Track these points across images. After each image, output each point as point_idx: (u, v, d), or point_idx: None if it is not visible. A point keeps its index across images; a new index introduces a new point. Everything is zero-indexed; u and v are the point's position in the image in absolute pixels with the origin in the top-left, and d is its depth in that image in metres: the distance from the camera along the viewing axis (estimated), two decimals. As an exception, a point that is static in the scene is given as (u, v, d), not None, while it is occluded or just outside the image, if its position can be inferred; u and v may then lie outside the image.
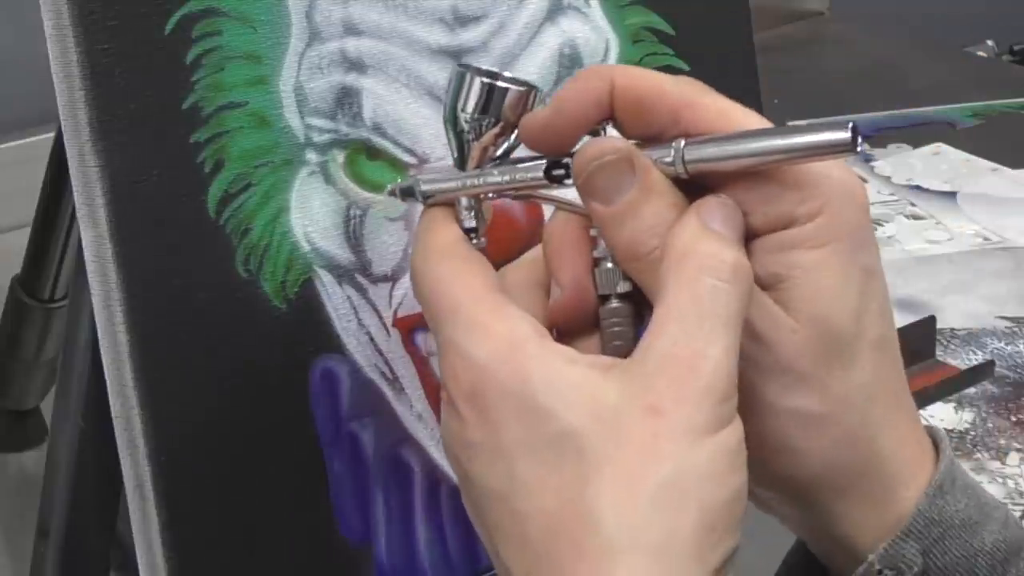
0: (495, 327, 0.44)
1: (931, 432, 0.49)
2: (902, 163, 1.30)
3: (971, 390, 0.95)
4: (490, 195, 0.48)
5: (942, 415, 0.92)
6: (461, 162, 0.48)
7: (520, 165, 0.48)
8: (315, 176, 0.55)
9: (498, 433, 0.43)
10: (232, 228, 0.53)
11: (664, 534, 0.40)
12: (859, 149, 0.43)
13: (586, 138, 0.46)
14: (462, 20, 0.57)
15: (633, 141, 0.46)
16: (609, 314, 0.46)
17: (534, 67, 0.59)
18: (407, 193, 0.50)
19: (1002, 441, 0.90)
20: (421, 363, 0.58)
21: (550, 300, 0.47)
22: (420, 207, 0.50)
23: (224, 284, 0.53)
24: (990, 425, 0.91)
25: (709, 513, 0.41)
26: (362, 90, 0.55)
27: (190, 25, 0.52)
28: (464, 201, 0.48)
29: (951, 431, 0.91)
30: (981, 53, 1.72)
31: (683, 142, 0.45)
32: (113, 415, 0.52)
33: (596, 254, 0.46)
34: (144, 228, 0.51)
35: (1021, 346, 1.00)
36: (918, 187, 1.25)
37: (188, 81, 0.52)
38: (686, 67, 0.64)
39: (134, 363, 0.51)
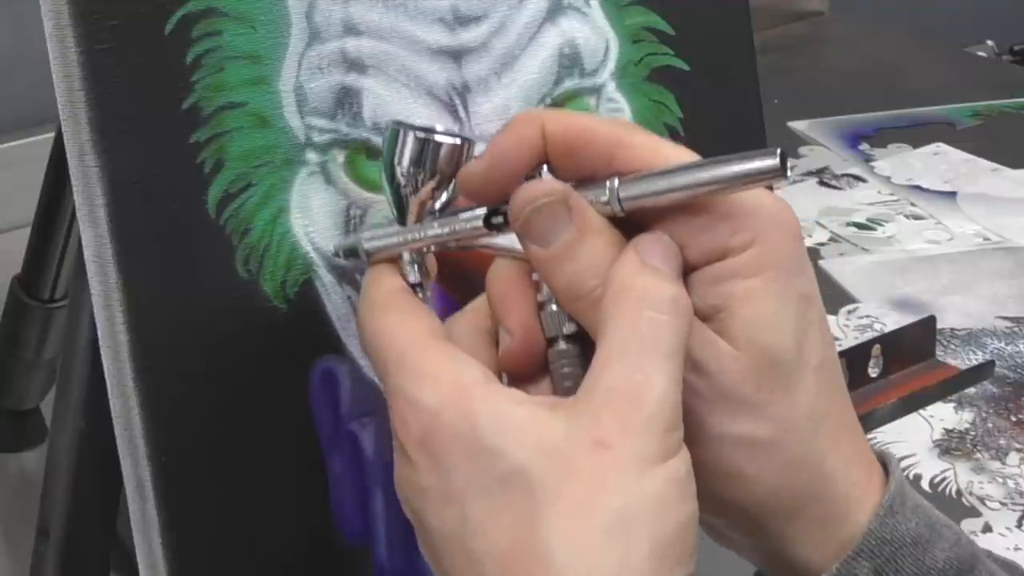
0: (442, 373, 0.44)
1: (880, 454, 0.49)
2: (902, 163, 1.30)
3: (971, 390, 0.95)
4: (432, 248, 0.49)
5: (942, 415, 0.92)
6: (401, 217, 0.49)
7: (459, 216, 0.48)
8: (315, 176, 0.55)
9: (449, 477, 0.43)
10: (232, 228, 0.53)
11: (617, 565, 0.41)
12: (789, 175, 0.44)
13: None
14: (462, 20, 0.57)
15: (568, 183, 0.46)
16: (557, 356, 0.46)
17: (534, 67, 0.59)
18: (350, 252, 0.51)
19: (1002, 441, 0.90)
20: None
21: (500, 347, 0.47)
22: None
23: (224, 284, 0.53)
24: (990, 425, 0.92)
25: (661, 542, 0.41)
26: (362, 90, 0.55)
27: (190, 25, 0.52)
28: (407, 256, 0.49)
29: (951, 431, 0.91)
30: (981, 53, 1.72)
31: (616, 180, 0.45)
32: (113, 415, 0.52)
33: (540, 298, 0.47)
34: (144, 228, 0.51)
35: (1021, 346, 1.00)
36: (918, 187, 1.25)
37: (188, 81, 0.52)
38: (686, 67, 0.64)
39: (134, 363, 0.51)
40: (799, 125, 1.38)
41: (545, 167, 0.47)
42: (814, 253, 1.13)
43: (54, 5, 0.49)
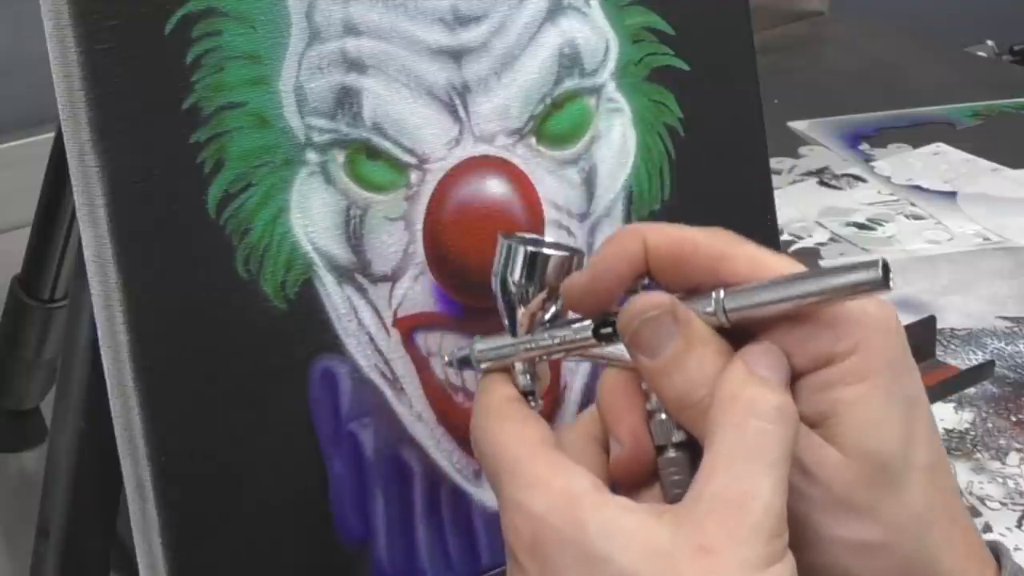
0: (553, 481, 0.46)
1: (992, 545, 0.50)
2: (902, 163, 1.30)
3: (971, 390, 0.95)
4: (543, 357, 0.50)
5: (942, 415, 0.92)
6: (512, 328, 0.51)
7: (569, 326, 0.50)
8: (315, 176, 0.55)
9: None
10: (232, 228, 0.53)
11: None
12: (891, 286, 0.45)
13: (630, 296, 0.48)
14: (462, 20, 0.57)
15: (674, 295, 0.47)
16: (667, 464, 0.47)
17: (534, 67, 0.59)
18: (464, 363, 0.52)
19: (1002, 441, 0.90)
20: (421, 363, 0.58)
21: (611, 455, 0.48)
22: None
23: (224, 284, 0.53)
24: (990, 425, 0.91)
25: None
26: (362, 90, 0.55)
27: (190, 25, 0.52)
28: (519, 365, 0.51)
29: (951, 431, 0.91)
30: (981, 53, 1.72)
31: (722, 292, 0.46)
32: (113, 415, 0.52)
33: (649, 407, 0.48)
34: (144, 228, 0.51)
35: (1021, 346, 1.00)
36: (918, 187, 1.25)
37: (188, 81, 0.52)
38: (686, 67, 0.64)
39: (134, 363, 0.51)
40: (799, 125, 1.38)
41: (647, 279, 0.48)
42: (814, 253, 1.13)
43: (54, 5, 0.49)
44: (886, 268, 0.44)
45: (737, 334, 0.47)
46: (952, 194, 1.24)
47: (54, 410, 0.59)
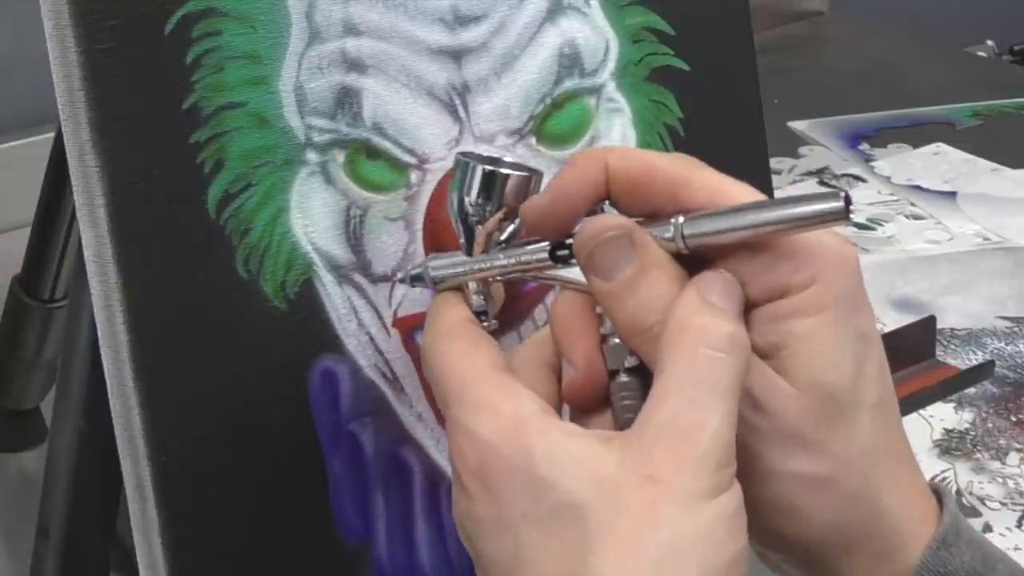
0: (500, 406, 0.45)
1: (934, 487, 0.50)
2: (902, 163, 1.30)
3: (971, 390, 0.95)
4: (497, 278, 0.50)
5: (942, 415, 0.92)
6: (468, 247, 0.50)
7: (525, 248, 0.49)
8: (315, 176, 0.55)
9: (503, 507, 0.44)
10: (232, 228, 0.53)
11: None
12: (851, 216, 0.44)
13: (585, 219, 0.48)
14: (462, 20, 0.57)
15: (632, 219, 0.47)
16: (619, 388, 0.47)
17: (534, 67, 0.59)
18: (417, 279, 0.52)
19: (1002, 441, 0.90)
20: (421, 363, 0.58)
21: (563, 379, 0.48)
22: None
23: (224, 284, 0.53)
24: (990, 425, 0.92)
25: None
26: (362, 90, 0.55)
27: (190, 25, 0.52)
28: (473, 285, 0.50)
29: (951, 431, 0.91)
30: (981, 53, 1.72)
31: (682, 218, 0.46)
32: (113, 415, 0.52)
33: (603, 331, 0.47)
34: (144, 228, 0.51)
35: (1021, 346, 1.00)
36: (918, 187, 1.25)
37: (188, 81, 0.52)
38: (686, 67, 0.64)
39: (134, 363, 0.51)
40: (799, 125, 1.38)
41: (607, 204, 0.48)
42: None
43: (54, 5, 0.49)
44: (847, 200, 0.44)
45: (694, 261, 0.46)
46: (952, 194, 1.24)
47: (54, 410, 0.59)
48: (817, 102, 1.42)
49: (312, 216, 0.55)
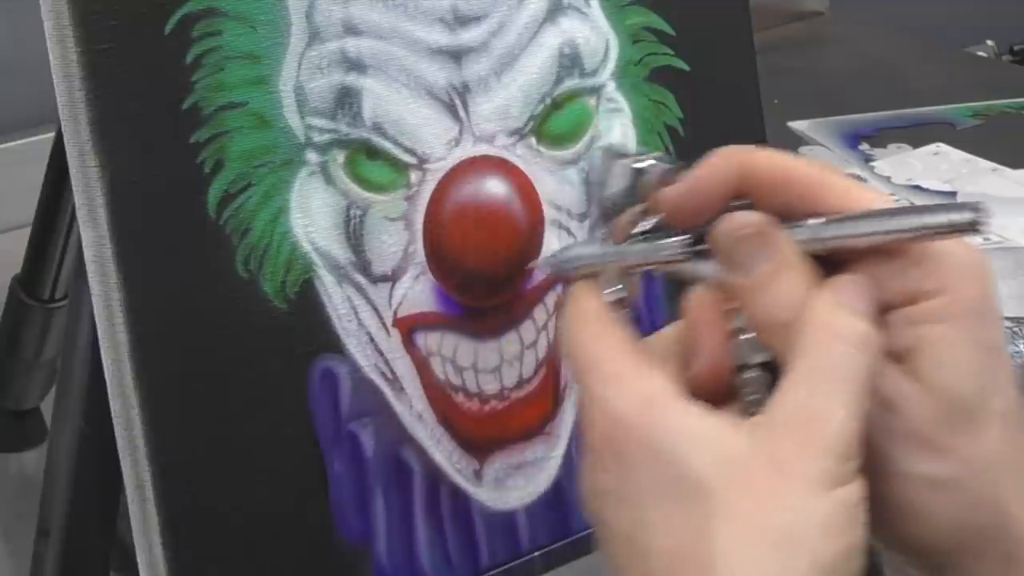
0: (633, 381, 0.47)
1: None
2: (902, 163, 1.30)
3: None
4: (635, 269, 0.51)
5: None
6: (607, 238, 0.51)
7: (662, 241, 0.50)
8: (315, 176, 0.55)
9: (629, 479, 0.45)
10: (232, 228, 0.53)
11: None
12: (981, 229, 0.46)
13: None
14: (462, 20, 0.57)
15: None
16: (746, 383, 0.48)
17: (534, 67, 0.59)
18: (557, 269, 0.53)
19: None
20: (421, 363, 0.58)
21: (691, 370, 0.49)
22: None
23: (224, 284, 0.53)
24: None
25: (822, 563, 0.43)
26: (362, 90, 0.55)
27: (190, 25, 0.52)
28: (610, 275, 0.51)
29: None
30: (981, 53, 1.72)
31: (819, 220, 0.47)
32: (113, 415, 0.52)
33: (734, 326, 0.49)
34: (144, 228, 0.51)
35: (1021, 346, 1.00)
36: (918, 187, 1.25)
37: (188, 81, 0.52)
38: (686, 67, 0.64)
39: (134, 363, 0.51)
40: (799, 125, 1.38)
41: (744, 201, 0.49)
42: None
43: (54, 5, 0.49)
44: (980, 211, 0.45)
45: (827, 263, 0.48)
46: (952, 194, 1.24)
47: (54, 410, 0.59)
48: (817, 102, 1.42)
49: (312, 216, 0.55)
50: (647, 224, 0.51)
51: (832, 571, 0.43)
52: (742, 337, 0.48)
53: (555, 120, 0.60)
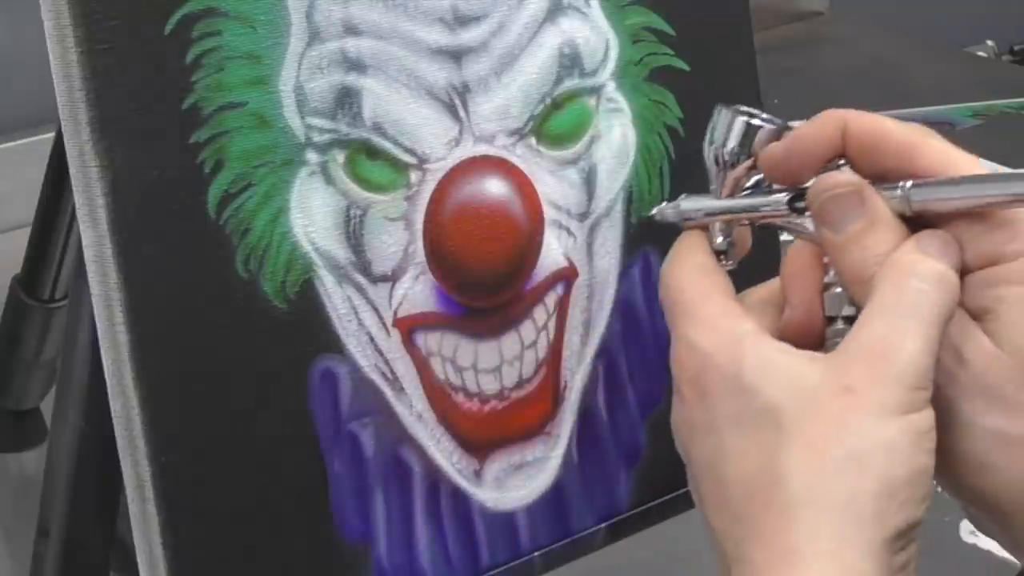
0: (721, 323, 0.49)
1: None
2: (902, 163, 1.30)
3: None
4: (741, 221, 0.53)
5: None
6: (718, 191, 0.53)
7: (767, 196, 0.53)
8: (315, 176, 0.55)
9: (713, 411, 0.48)
10: (232, 228, 0.53)
11: (844, 495, 0.45)
12: None
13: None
14: (462, 20, 0.57)
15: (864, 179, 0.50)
16: (834, 334, 0.51)
17: (534, 67, 0.59)
18: (668, 216, 0.55)
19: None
20: (421, 363, 0.58)
21: (783, 319, 0.52)
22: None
23: (224, 284, 0.53)
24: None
25: (888, 483, 0.45)
26: (362, 90, 0.55)
27: (190, 25, 0.52)
28: (717, 225, 0.53)
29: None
30: (981, 53, 1.71)
31: (910, 183, 0.49)
32: (113, 415, 0.52)
33: (827, 279, 0.51)
34: (144, 228, 0.51)
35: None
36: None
37: (188, 81, 0.52)
38: (686, 67, 0.64)
39: (134, 363, 0.51)
40: (799, 125, 1.38)
41: (842, 161, 0.51)
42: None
43: (54, 5, 0.49)
44: None
45: (916, 223, 0.49)
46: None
47: (54, 410, 0.59)
48: (817, 102, 1.41)
49: (312, 216, 0.55)
50: (756, 178, 0.53)
51: (898, 492, 0.45)
52: (834, 291, 0.51)
53: (555, 120, 0.60)
